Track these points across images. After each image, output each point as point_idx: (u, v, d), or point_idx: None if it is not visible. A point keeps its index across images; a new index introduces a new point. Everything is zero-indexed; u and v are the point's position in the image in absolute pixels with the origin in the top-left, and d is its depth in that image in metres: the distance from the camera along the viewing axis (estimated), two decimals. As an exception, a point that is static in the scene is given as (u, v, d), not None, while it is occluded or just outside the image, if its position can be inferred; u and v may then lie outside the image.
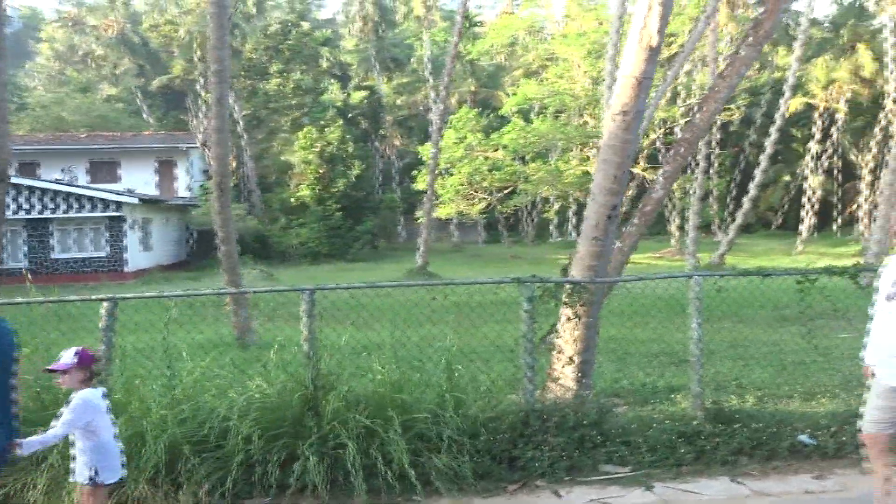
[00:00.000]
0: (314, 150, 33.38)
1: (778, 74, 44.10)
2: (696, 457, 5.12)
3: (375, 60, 48.97)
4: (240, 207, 29.71)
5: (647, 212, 8.71)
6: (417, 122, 57.01)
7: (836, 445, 5.24)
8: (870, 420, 3.84)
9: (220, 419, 4.66)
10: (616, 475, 4.97)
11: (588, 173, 28.84)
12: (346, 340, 5.50)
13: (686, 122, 27.03)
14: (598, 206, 5.50)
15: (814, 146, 43.73)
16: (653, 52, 5.07)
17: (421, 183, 29.76)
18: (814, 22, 42.29)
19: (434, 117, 46.09)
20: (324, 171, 33.16)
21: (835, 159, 47.17)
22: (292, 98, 39.60)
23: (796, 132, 51.63)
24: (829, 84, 39.04)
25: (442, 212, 28.89)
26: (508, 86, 45.05)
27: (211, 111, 9.96)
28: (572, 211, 44.90)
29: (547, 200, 40.59)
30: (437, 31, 45.62)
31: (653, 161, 30.65)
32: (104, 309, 4.85)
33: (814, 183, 43.23)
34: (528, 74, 41.37)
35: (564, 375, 5.80)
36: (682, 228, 36.88)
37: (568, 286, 5.55)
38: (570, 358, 5.78)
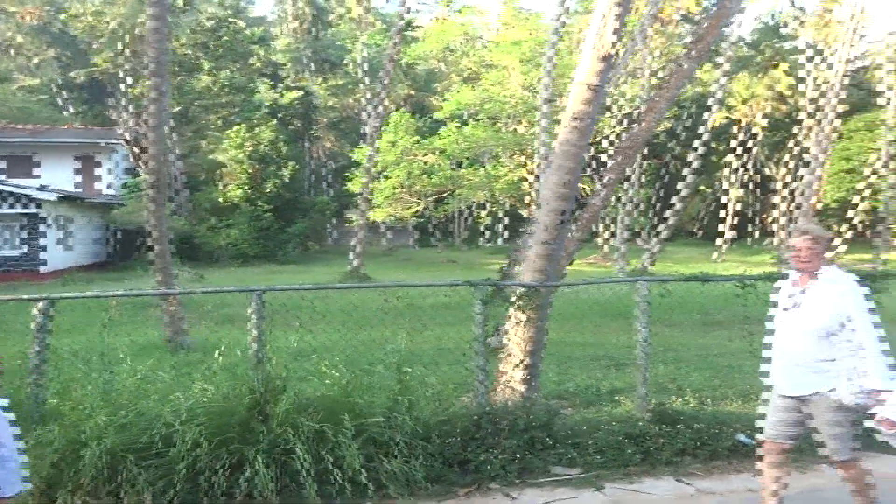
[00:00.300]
0: (245, 149, 32.65)
1: (702, 89, 45.86)
2: (642, 457, 5.22)
3: (309, 61, 48.36)
4: (167, 207, 28.80)
5: (589, 218, 8.84)
6: (351, 125, 56.58)
7: (773, 445, 5.44)
8: (769, 428, 3.96)
9: (164, 425, 4.47)
10: (566, 477, 5.02)
11: (520, 180, 29.30)
12: (295, 343, 5.36)
13: (618, 132, 27.76)
14: (550, 210, 5.56)
15: (733, 159, 45.65)
16: (607, 60, 5.16)
17: (355, 186, 29.54)
18: (736, 41, 44.23)
19: (368, 120, 46.03)
20: (255, 171, 32.48)
21: (752, 172, 49.38)
22: (223, 96, 38.62)
23: (716, 145, 53.83)
24: (748, 100, 40.80)
25: (376, 215, 28.71)
26: (443, 91, 45.32)
27: (147, 105, 9.60)
28: (504, 216, 45.51)
29: (478, 206, 40.95)
30: (372, 34, 45.44)
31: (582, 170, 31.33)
32: (38, 309, 4.58)
33: (733, 194, 45.05)
34: (464, 80, 41.69)
35: (514, 378, 5.83)
36: (609, 235, 37.87)
37: (520, 289, 5.58)
38: (519, 361, 5.81)
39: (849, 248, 40.29)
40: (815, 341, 3.67)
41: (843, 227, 40.94)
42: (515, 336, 5.87)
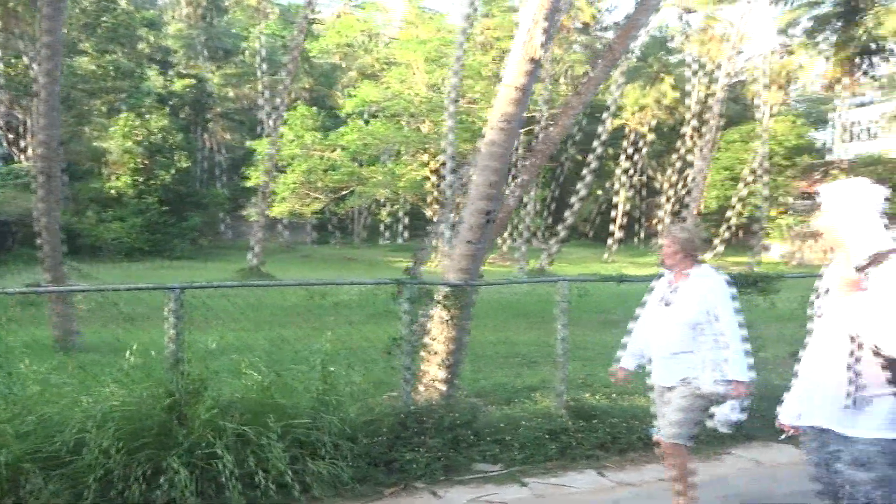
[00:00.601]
0: (134, 138, 31.01)
1: (594, 97, 47.63)
2: (561, 452, 5.37)
3: (203, 48, 46.53)
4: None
5: (503, 218, 9.01)
6: (246, 116, 54.93)
7: (681, 438, 5.74)
8: (658, 424, 4.16)
9: (73, 431, 4.18)
10: (490, 473, 5.09)
11: (423, 178, 29.42)
12: (215, 343, 5.15)
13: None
14: (476, 210, 5.61)
15: (622, 164, 47.77)
16: (535, 64, 5.27)
17: (253, 179, 28.71)
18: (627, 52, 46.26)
19: (266, 112, 44.79)
20: (145, 161, 30.91)
21: (639, 177, 51.84)
22: (108, 80, 36.47)
23: (607, 150, 56.19)
24: (638, 109, 42.74)
25: (275, 210, 28.01)
26: (345, 86, 44.80)
27: (37, 87, 8.93)
28: (404, 215, 45.57)
29: (379, 203, 40.77)
30: (270, 24, 44.31)
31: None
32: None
33: (622, 198, 47.10)
34: (366, 76, 41.38)
35: (436, 377, 5.84)
36: (508, 236, 38.68)
37: (445, 288, 5.60)
38: (442, 359, 5.83)
39: (724, 251, 43.00)
40: (683, 333, 3.89)
41: (721, 231, 43.65)
42: (439, 335, 5.87)
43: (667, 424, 3.99)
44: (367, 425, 5.00)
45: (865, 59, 33.55)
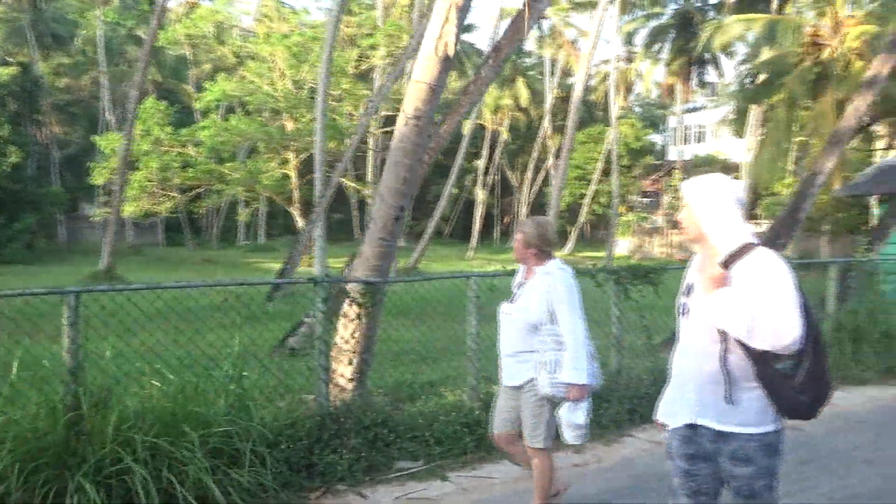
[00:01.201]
0: (-47, 130, 27.81)
1: (451, 97, 48.64)
2: (477, 444, 5.45)
3: (31, 34, 42.54)
4: None
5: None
6: (82, 109, 50.93)
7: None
8: (493, 420, 4.18)
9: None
10: (412, 470, 5.08)
11: (287, 176, 28.65)
12: (113, 351, 4.75)
13: (382, 131, 28.35)
14: (387, 207, 5.57)
15: (479, 163, 49.05)
16: (447, 61, 5.31)
17: (98, 177, 26.68)
18: (480, 53, 47.61)
19: (107, 104, 41.70)
20: (-33, 156, 27.80)
21: (495, 176, 53.49)
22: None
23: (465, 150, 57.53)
24: (496, 109, 44.06)
25: (125, 210, 26.16)
26: (196, 79, 42.65)
27: None
28: (262, 214, 44.11)
29: (234, 203, 39.23)
30: (108, 11, 41.36)
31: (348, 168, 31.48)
32: None
33: (480, 197, 48.35)
34: (218, 69, 39.64)
35: (345, 375, 5.74)
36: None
37: (359, 286, 5.51)
38: (351, 358, 5.73)
39: (576, 247, 45.35)
40: (524, 332, 3.81)
41: (573, 228, 45.99)
42: (347, 333, 5.78)
43: (524, 428, 3.91)
44: (285, 429, 4.83)
45: (699, 69, 36.70)
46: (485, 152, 47.13)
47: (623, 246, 43.71)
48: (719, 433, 2.65)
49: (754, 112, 24.50)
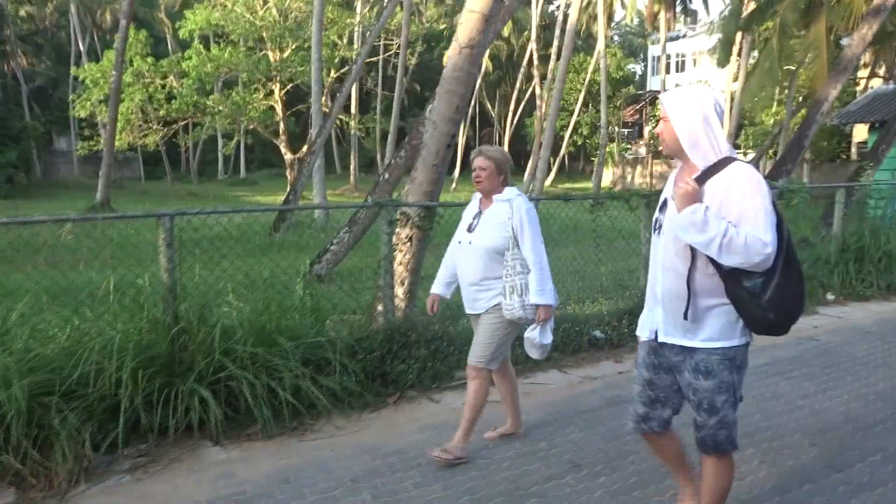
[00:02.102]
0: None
1: (432, 26, 47.83)
2: (528, 356, 5.87)
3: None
4: None
5: (415, 145, 9.22)
6: (48, 40, 49.27)
7: (618, 336, 6.47)
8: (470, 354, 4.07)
9: (89, 363, 4.03)
10: (471, 378, 5.50)
11: (272, 108, 28.31)
12: (197, 273, 5.04)
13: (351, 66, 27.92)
14: (441, 134, 5.80)
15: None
16: (500, -9, 5.47)
17: (81, 109, 26.15)
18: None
19: (79, 35, 40.37)
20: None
21: (475, 108, 53.16)
22: None
23: (443, 81, 56.84)
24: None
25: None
26: (166, 8, 41.35)
27: None
28: (243, 147, 43.58)
29: (213, 137, 38.71)
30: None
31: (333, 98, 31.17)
32: None
33: (461, 128, 48.14)
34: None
35: (398, 296, 6.08)
36: (356, 168, 38.46)
37: (418, 210, 5.79)
38: (403, 279, 6.07)
39: (556, 178, 45.67)
40: (488, 260, 3.81)
41: (555, 159, 46.15)
42: (399, 255, 6.09)
43: (474, 349, 3.95)
44: (360, 343, 5.19)
45: (682, -3, 36.39)
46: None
47: (605, 176, 44.16)
48: (683, 348, 2.68)
49: (745, 41, 24.62)
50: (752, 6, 21.77)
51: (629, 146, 43.34)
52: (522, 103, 48.07)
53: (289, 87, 28.00)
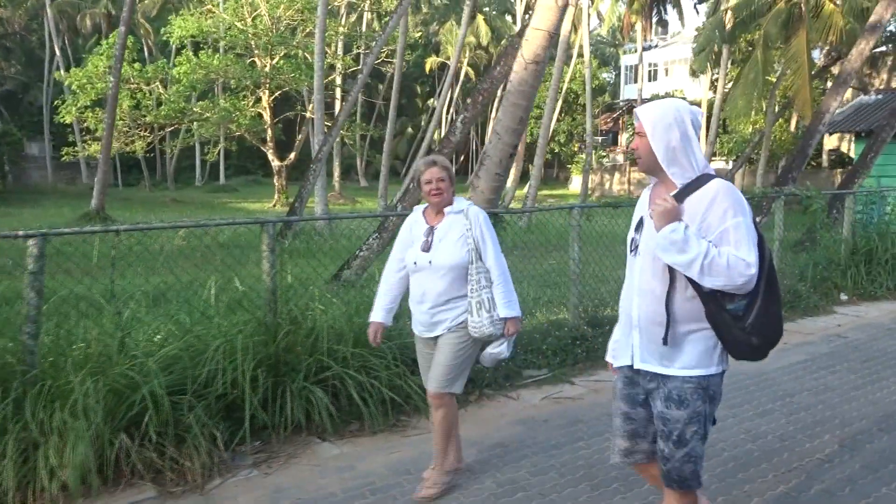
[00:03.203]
0: None
1: (409, 34, 48.11)
2: (586, 355, 6.21)
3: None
4: None
5: (445, 153, 9.52)
6: (18, 43, 48.48)
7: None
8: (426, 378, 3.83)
9: (214, 362, 4.24)
10: (540, 377, 5.80)
11: (261, 115, 28.33)
12: (290, 278, 5.25)
13: (355, 73, 28.14)
14: (504, 144, 6.11)
15: (434, 101, 49.05)
16: (563, 10, 5.80)
17: (66, 115, 25.89)
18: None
19: (56, 38, 39.80)
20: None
21: (453, 115, 53.62)
22: None
23: (419, 88, 57.34)
24: (461, 48, 43.82)
25: (96, 149, 25.58)
26: (143, 13, 40.99)
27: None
28: (223, 154, 43.33)
29: (191, 144, 38.48)
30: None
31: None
32: (34, 248, 3.92)
33: (437, 136, 48.52)
34: (167, 2, 38.31)
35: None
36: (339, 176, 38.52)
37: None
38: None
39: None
40: (453, 278, 3.56)
41: (532, 167, 46.72)
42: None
43: (437, 374, 3.63)
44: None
45: (658, 7, 37.32)
46: (446, 91, 46.97)
47: (577, 182, 44.85)
48: (658, 375, 2.55)
49: (724, 52, 25.42)
50: (731, 17, 22.50)
51: (605, 154, 44.11)
52: (497, 111, 48.55)
53: (277, 94, 28.05)
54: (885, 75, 28.47)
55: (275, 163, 27.74)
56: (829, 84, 28.60)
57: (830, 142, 30.90)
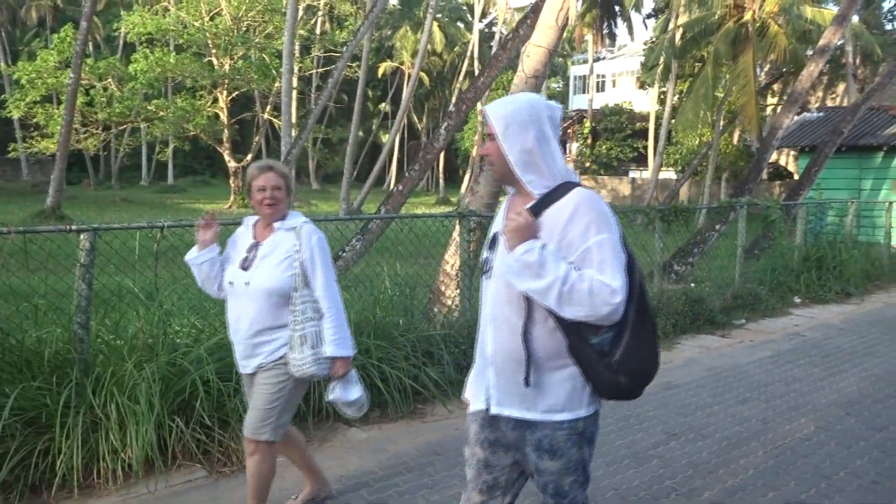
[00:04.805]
0: None
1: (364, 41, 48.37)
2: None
3: None
4: None
5: (428, 160, 9.92)
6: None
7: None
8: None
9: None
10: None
11: (217, 116, 28.11)
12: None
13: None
14: (503, 152, 6.50)
15: (384, 105, 49.38)
16: (563, 28, 6.26)
17: (14, 110, 25.21)
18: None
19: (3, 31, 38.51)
20: None
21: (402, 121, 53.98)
22: None
23: (370, 92, 57.55)
24: (415, 53, 44.29)
25: (44, 145, 25.02)
26: (99, 8, 40.04)
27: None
28: (171, 154, 42.63)
29: (144, 142, 37.83)
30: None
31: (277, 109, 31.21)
32: (86, 242, 4.13)
33: (394, 140, 48.84)
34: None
35: (451, 298, 6.73)
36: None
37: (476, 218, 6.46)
38: (458, 283, 6.72)
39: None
40: (271, 305, 3.03)
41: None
42: (452, 260, 6.74)
43: (250, 417, 3.13)
44: (447, 338, 5.82)
45: (608, 21, 38.50)
46: (403, 96, 47.40)
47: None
48: (522, 420, 2.15)
49: (673, 66, 26.54)
50: (681, 34, 23.56)
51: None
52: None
53: (234, 94, 27.92)
54: (820, 93, 30.19)
55: (231, 164, 27.57)
56: (769, 100, 30.21)
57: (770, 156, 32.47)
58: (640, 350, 2.04)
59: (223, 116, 27.76)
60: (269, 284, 3.02)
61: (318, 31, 35.67)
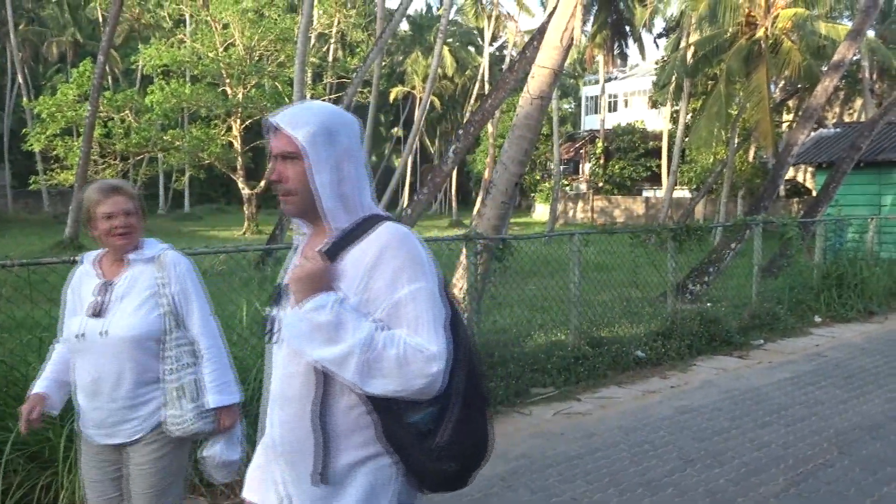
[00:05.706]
0: None
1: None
2: (588, 373, 6.53)
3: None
4: None
5: (438, 183, 9.89)
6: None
7: (657, 356, 7.18)
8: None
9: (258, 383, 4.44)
10: (547, 394, 6.10)
11: (231, 144, 28.40)
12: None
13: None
14: (510, 174, 6.45)
15: (397, 130, 49.74)
16: (567, 50, 6.22)
17: (36, 144, 25.66)
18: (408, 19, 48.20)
19: (17, 67, 39.26)
20: None
21: (415, 145, 54.28)
22: None
23: (382, 117, 58.01)
24: (425, 78, 44.64)
25: (64, 177, 25.40)
26: (118, 42, 40.85)
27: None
28: (186, 182, 43.09)
29: (160, 172, 38.30)
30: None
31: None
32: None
33: (404, 164, 49.08)
34: (133, 31, 38.29)
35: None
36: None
37: (484, 242, 6.38)
38: (468, 304, 6.63)
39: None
40: (138, 356, 2.45)
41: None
42: (462, 282, 6.65)
43: (140, 502, 2.50)
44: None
45: (619, 41, 38.60)
46: (415, 120, 47.74)
47: (540, 211, 45.66)
48: None
49: (686, 85, 26.47)
50: (693, 53, 23.52)
51: (567, 183, 45.10)
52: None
53: (248, 122, 28.22)
54: (837, 109, 29.93)
55: (245, 191, 27.79)
56: (785, 116, 30.01)
57: (787, 173, 32.18)
58: (469, 429, 1.62)
59: (237, 144, 28.02)
60: (133, 331, 2.43)
61: (330, 57, 36.01)
